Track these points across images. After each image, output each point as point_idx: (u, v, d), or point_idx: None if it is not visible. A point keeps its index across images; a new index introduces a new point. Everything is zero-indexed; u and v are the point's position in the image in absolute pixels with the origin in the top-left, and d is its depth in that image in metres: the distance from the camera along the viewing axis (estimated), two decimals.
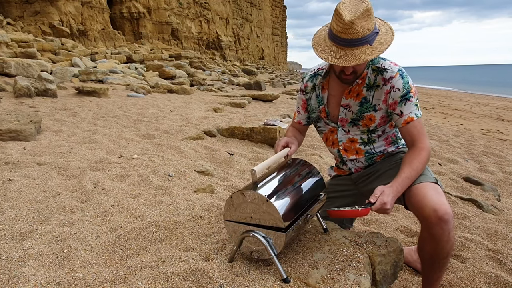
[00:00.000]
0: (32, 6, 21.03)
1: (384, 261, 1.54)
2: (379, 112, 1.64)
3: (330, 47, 1.48)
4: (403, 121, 1.58)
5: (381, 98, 1.61)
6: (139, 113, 5.84)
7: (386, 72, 1.58)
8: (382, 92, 1.60)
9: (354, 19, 1.38)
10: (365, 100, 1.64)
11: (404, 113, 1.57)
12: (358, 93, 1.65)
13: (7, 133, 3.50)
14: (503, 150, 5.12)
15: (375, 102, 1.63)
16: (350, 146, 1.77)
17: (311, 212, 1.57)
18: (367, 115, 1.66)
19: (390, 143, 1.77)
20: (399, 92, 1.57)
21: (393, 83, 1.57)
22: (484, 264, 2.00)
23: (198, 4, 40.89)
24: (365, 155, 1.76)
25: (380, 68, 1.60)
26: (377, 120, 1.66)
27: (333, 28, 1.45)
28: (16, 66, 8.15)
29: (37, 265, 1.54)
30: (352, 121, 1.70)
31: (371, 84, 1.62)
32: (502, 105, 15.33)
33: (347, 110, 1.69)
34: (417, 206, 1.48)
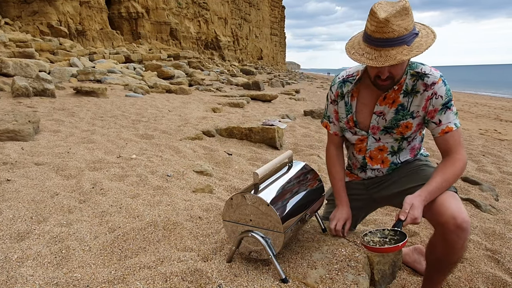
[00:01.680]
0: (30, 6, 20.98)
1: (382, 261, 1.54)
2: (416, 119, 1.55)
3: (364, 49, 1.39)
4: (440, 131, 1.50)
5: (421, 104, 1.51)
6: (137, 113, 5.84)
7: (427, 77, 1.48)
8: (422, 98, 1.50)
9: (390, 17, 1.28)
10: (402, 107, 1.54)
11: (442, 122, 1.49)
12: (394, 100, 1.54)
13: (5, 133, 3.49)
14: (501, 150, 5.13)
15: (413, 109, 1.53)
16: (377, 155, 1.68)
17: (309, 213, 1.57)
18: (403, 123, 1.56)
19: (415, 154, 1.70)
20: (441, 99, 1.47)
21: (435, 89, 1.47)
22: (482, 264, 2.00)
23: (197, 4, 40.87)
24: (390, 165, 1.69)
25: (420, 73, 1.50)
26: (414, 127, 1.57)
27: (367, 29, 1.36)
28: (14, 66, 8.13)
29: (35, 265, 1.53)
30: (384, 129, 1.60)
31: (409, 90, 1.52)
32: (500, 105, 15.37)
33: (380, 118, 1.59)
34: (435, 212, 1.43)
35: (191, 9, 39.72)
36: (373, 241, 1.38)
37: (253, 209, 1.39)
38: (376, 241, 1.38)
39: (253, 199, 1.38)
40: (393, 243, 1.34)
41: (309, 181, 1.65)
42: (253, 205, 1.38)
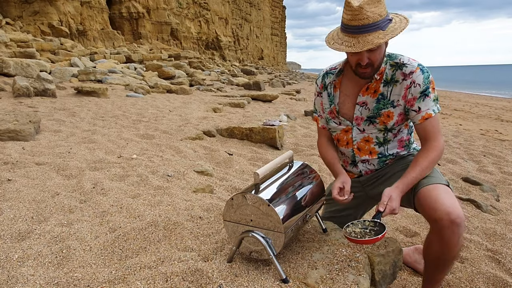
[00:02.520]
0: (31, 6, 21.00)
1: (383, 261, 1.54)
2: (397, 108, 1.60)
3: (342, 38, 1.47)
4: (420, 118, 1.55)
5: (400, 93, 1.57)
6: (138, 113, 5.84)
7: (405, 66, 1.55)
8: (401, 87, 1.56)
9: (363, 4, 1.37)
10: (382, 97, 1.60)
11: (422, 109, 1.54)
12: (376, 89, 1.61)
13: (6, 133, 3.50)
14: (502, 150, 5.13)
15: (393, 98, 1.59)
16: (364, 145, 1.72)
17: (310, 213, 1.57)
18: (384, 112, 1.61)
19: (403, 146, 1.73)
20: (419, 87, 1.53)
21: (413, 78, 1.53)
22: (483, 264, 2.00)
23: (198, 4, 40.89)
24: (378, 157, 1.72)
25: (399, 63, 1.56)
26: (395, 117, 1.61)
27: (343, 19, 1.44)
28: (15, 66, 8.14)
29: (36, 265, 1.54)
30: (368, 119, 1.65)
31: (388, 79, 1.58)
32: (501, 105, 15.36)
33: (363, 108, 1.65)
34: (429, 208, 1.45)
35: (192, 9, 39.73)
36: (354, 232, 1.43)
37: (253, 209, 1.39)
38: (357, 232, 1.44)
39: (253, 199, 1.38)
40: (373, 234, 1.41)
41: (310, 180, 1.65)
42: (253, 205, 1.38)
